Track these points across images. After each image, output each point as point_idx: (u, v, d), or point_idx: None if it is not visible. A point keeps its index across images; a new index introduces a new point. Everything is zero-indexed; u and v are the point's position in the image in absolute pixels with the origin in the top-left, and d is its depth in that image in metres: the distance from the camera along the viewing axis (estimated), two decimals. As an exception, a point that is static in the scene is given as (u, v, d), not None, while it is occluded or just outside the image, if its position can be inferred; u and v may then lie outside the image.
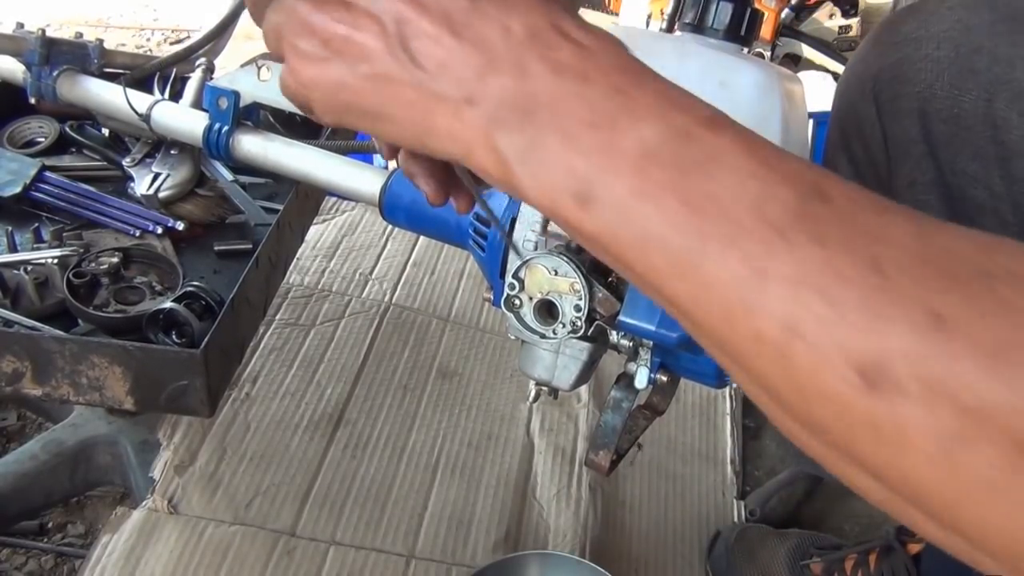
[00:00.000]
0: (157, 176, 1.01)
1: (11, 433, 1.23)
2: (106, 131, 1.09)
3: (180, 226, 1.00)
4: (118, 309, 0.90)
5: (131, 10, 2.51)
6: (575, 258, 0.58)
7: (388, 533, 1.07)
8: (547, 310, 0.61)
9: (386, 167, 0.83)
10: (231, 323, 0.87)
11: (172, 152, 1.04)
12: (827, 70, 1.98)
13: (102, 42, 0.99)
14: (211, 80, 1.05)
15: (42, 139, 1.10)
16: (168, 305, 0.87)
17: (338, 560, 1.02)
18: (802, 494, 1.26)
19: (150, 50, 2.31)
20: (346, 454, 1.15)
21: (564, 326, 0.60)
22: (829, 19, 2.09)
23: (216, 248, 1.02)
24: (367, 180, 0.80)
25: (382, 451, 1.17)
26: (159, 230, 0.99)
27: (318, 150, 0.84)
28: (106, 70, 0.99)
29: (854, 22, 2.08)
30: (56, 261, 0.92)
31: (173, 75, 1.06)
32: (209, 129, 0.86)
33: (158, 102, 0.92)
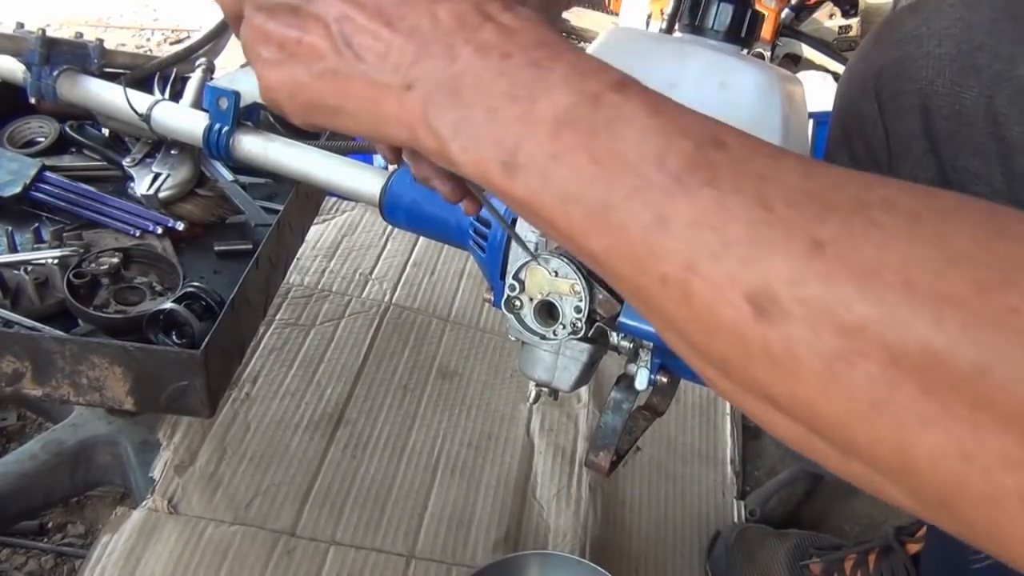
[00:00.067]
0: (157, 176, 1.01)
1: (11, 433, 1.23)
2: (106, 131, 1.09)
3: (180, 226, 1.00)
4: (118, 309, 0.90)
5: (131, 10, 2.51)
6: (575, 259, 0.58)
7: (388, 533, 1.07)
8: (547, 311, 0.61)
9: (386, 167, 0.83)
10: (231, 323, 0.87)
11: (172, 152, 1.04)
12: (827, 70, 1.99)
13: (102, 42, 0.99)
14: (211, 80, 1.05)
15: (42, 139, 1.10)
16: (168, 305, 0.87)
17: (338, 560, 1.02)
18: (802, 494, 1.26)
19: (150, 50, 2.31)
20: (346, 454, 1.15)
21: (564, 327, 0.60)
22: (829, 19, 2.09)
23: (216, 248, 1.02)
24: (367, 180, 0.80)
25: (382, 451, 1.17)
26: (159, 230, 0.99)
27: (318, 150, 0.84)
28: (106, 70, 0.99)
29: (854, 22, 2.08)
30: (56, 261, 0.92)
31: (173, 75, 1.06)
32: (209, 129, 0.86)
33: (158, 102, 0.92)
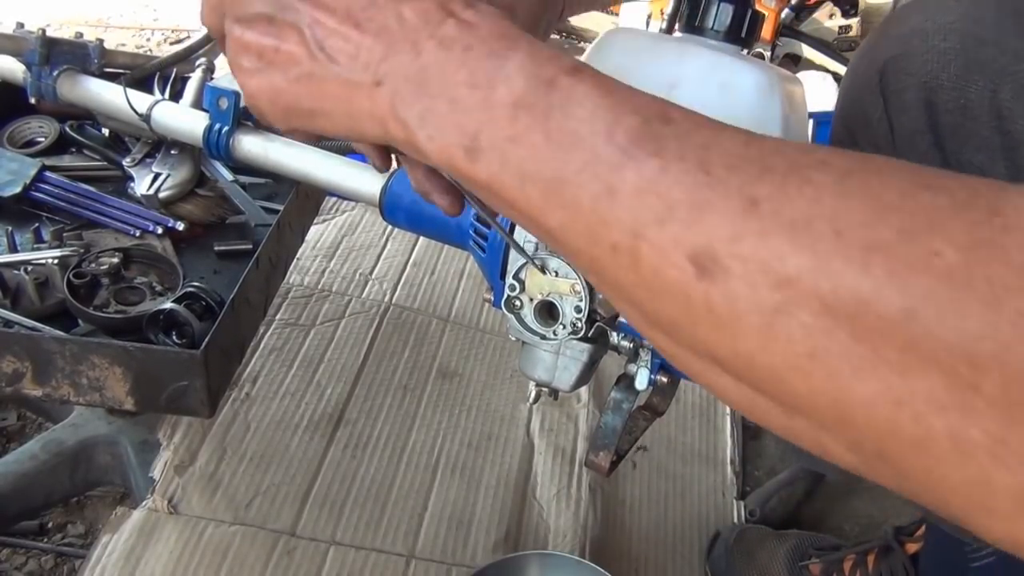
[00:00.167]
0: (157, 176, 1.02)
1: (11, 433, 1.23)
2: (106, 131, 1.09)
3: (180, 226, 1.00)
4: (118, 309, 0.91)
5: (131, 10, 2.51)
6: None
7: (388, 533, 1.07)
8: (547, 311, 0.61)
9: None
10: (231, 323, 0.87)
11: (172, 152, 1.04)
12: (827, 70, 1.99)
13: (102, 42, 0.99)
14: (211, 80, 1.05)
15: (42, 139, 1.10)
16: (168, 305, 0.87)
17: (338, 560, 1.02)
18: (802, 494, 1.26)
19: (150, 50, 2.31)
20: (346, 454, 1.15)
21: (564, 327, 0.60)
22: (829, 19, 2.09)
23: (216, 248, 1.02)
24: (367, 180, 0.80)
25: (382, 451, 1.17)
26: (159, 230, 0.99)
27: (318, 150, 0.84)
28: (106, 70, 0.99)
29: (854, 22, 2.08)
30: (56, 261, 0.92)
31: (173, 75, 1.06)
32: (209, 129, 0.86)
33: (158, 102, 0.92)
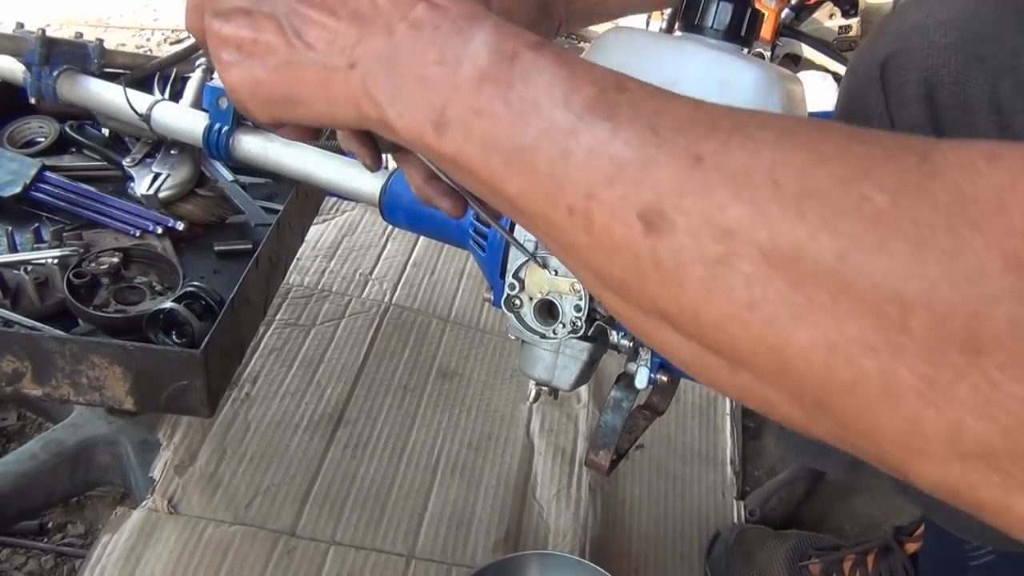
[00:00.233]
0: (157, 176, 1.02)
1: (11, 433, 1.23)
2: (106, 131, 1.09)
3: (180, 226, 1.00)
4: (118, 309, 0.91)
5: (131, 10, 2.51)
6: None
7: (388, 533, 1.07)
8: (547, 310, 0.61)
9: (386, 167, 0.83)
10: (231, 323, 0.87)
11: (172, 152, 1.04)
12: (827, 70, 1.99)
13: (102, 42, 0.99)
14: (211, 80, 1.04)
15: (42, 139, 1.10)
16: (168, 305, 0.87)
17: (338, 560, 1.02)
18: (802, 494, 1.26)
19: (150, 50, 2.31)
20: (346, 454, 1.15)
21: (564, 326, 0.60)
22: (829, 19, 2.09)
23: (216, 248, 1.02)
24: (367, 180, 0.80)
25: (382, 451, 1.17)
26: (159, 230, 0.99)
27: (318, 150, 0.84)
28: (106, 70, 0.99)
29: (854, 22, 2.08)
30: (56, 261, 0.92)
31: (173, 75, 1.06)
32: (209, 129, 0.86)
33: (158, 102, 0.92)
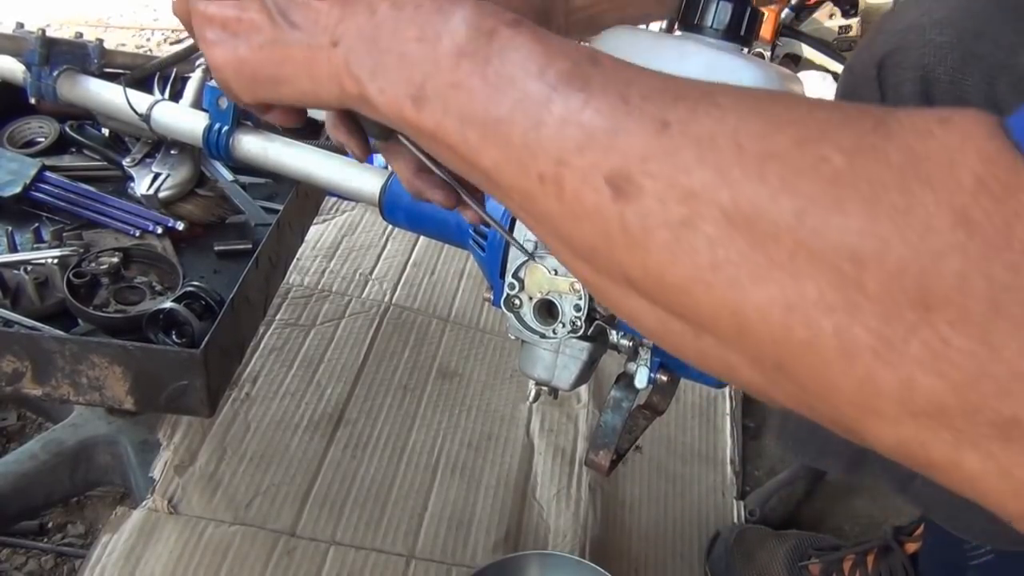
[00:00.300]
0: (157, 176, 1.02)
1: (11, 433, 1.23)
2: (106, 131, 1.09)
3: (180, 226, 1.00)
4: (118, 309, 0.91)
5: (131, 10, 2.51)
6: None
7: (388, 533, 1.07)
8: (547, 310, 0.61)
9: (386, 167, 0.83)
10: (231, 323, 0.87)
11: (172, 152, 1.04)
12: (827, 70, 1.98)
13: (102, 42, 0.99)
14: (211, 80, 1.05)
15: (42, 139, 1.10)
16: (168, 305, 0.87)
17: (338, 560, 1.02)
18: (802, 494, 1.26)
19: (150, 50, 2.31)
20: (346, 454, 1.15)
21: (564, 326, 0.60)
22: (829, 19, 2.09)
23: (216, 248, 1.02)
24: (367, 180, 0.80)
25: (382, 451, 1.17)
26: (159, 230, 0.99)
27: (318, 150, 0.84)
28: (106, 70, 0.99)
29: (854, 22, 2.08)
30: (56, 261, 0.92)
31: (173, 75, 1.06)
32: (209, 129, 0.86)
33: (158, 102, 0.92)
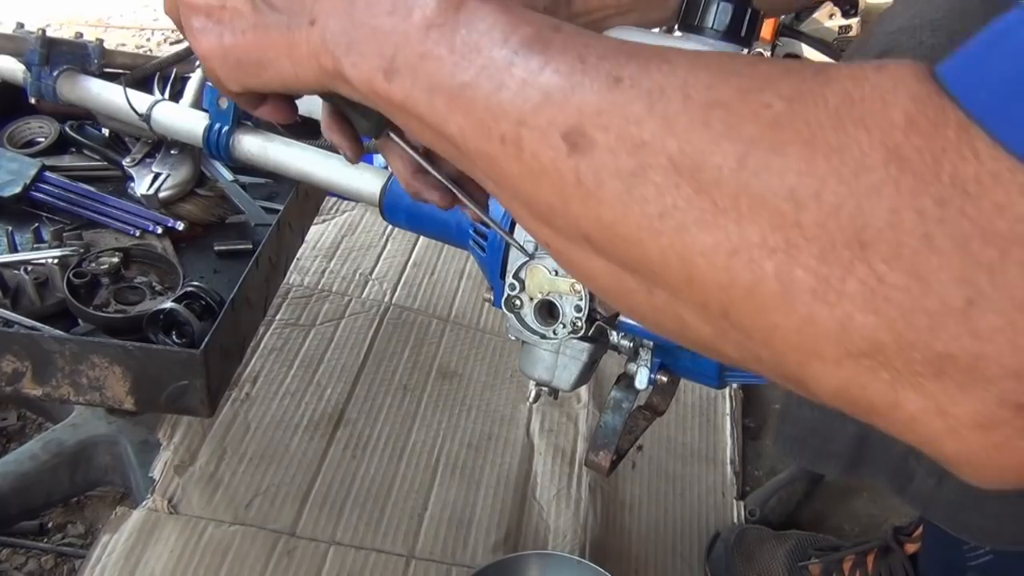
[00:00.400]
0: (157, 176, 1.01)
1: (11, 433, 1.23)
2: (106, 131, 1.09)
3: (180, 226, 1.00)
4: (118, 309, 0.91)
5: (131, 10, 2.51)
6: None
7: (388, 533, 1.07)
8: (547, 310, 0.61)
9: (386, 167, 0.83)
10: (231, 323, 0.87)
11: (172, 152, 1.04)
12: (827, 70, 1.98)
13: (102, 42, 0.99)
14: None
15: (42, 139, 1.10)
16: (168, 305, 0.87)
17: (338, 560, 1.02)
18: (802, 494, 1.26)
19: (150, 50, 2.31)
20: (346, 454, 1.15)
21: (564, 326, 0.60)
22: (829, 19, 2.09)
23: (216, 248, 1.02)
24: (367, 180, 0.80)
25: (382, 451, 1.17)
26: (159, 230, 0.99)
27: (318, 150, 0.84)
28: (106, 70, 0.99)
29: (854, 22, 2.08)
30: (56, 261, 0.92)
31: (173, 75, 1.06)
32: (209, 129, 0.86)
33: (158, 102, 0.92)
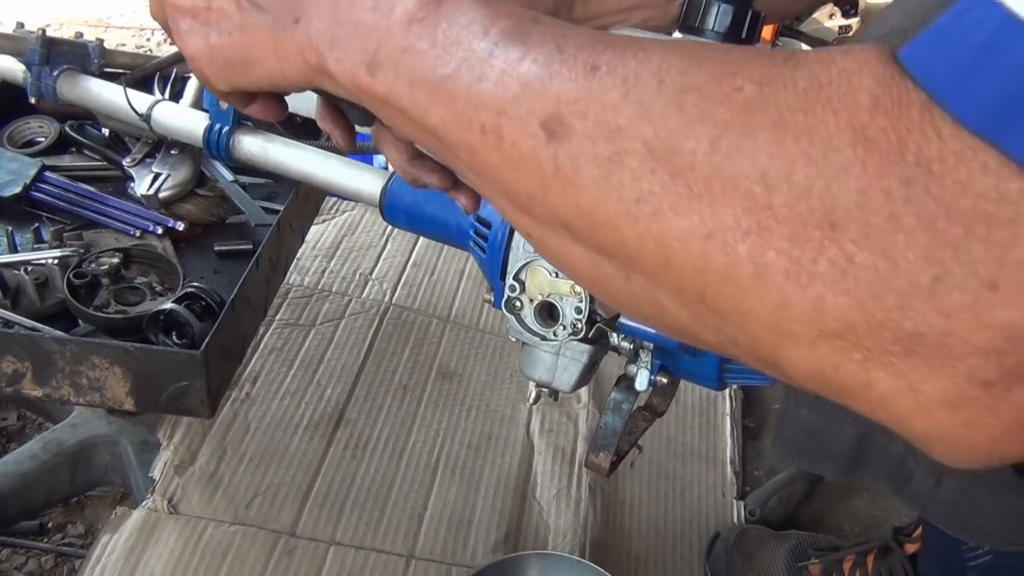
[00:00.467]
0: (157, 176, 1.01)
1: (11, 433, 1.23)
2: (106, 131, 1.09)
3: (180, 226, 1.00)
4: (118, 310, 0.90)
5: (131, 10, 2.51)
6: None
7: (388, 533, 1.07)
8: (548, 312, 0.61)
9: (386, 167, 0.83)
10: (231, 323, 0.87)
11: (172, 152, 1.04)
12: (827, 70, 1.98)
13: (102, 42, 0.98)
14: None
15: (42, 139, 1.10)
16: (168, 306, 0.87)
17: (338, 560, 1.02)
18: (802, 494, 1.26)
19: (150, 50, 2.31)
20: (346, 454, 1.15)
21: (565, 328, 0.60)
22: (829, 19, 2.09)
23: (216, 248, 1.02)
24: (367, 181, 0.80)
25: (382, 451, 1.17)
26: (159, 230, 0.99)
27: (318, 150, 0.84)
28: (106, 70, 0.99)
29: (854, 22, 2.07)
30: (56, 261, 0.92)
31: (173, 75, 1.06)
32: (209, 129, 0.86)
33: (158, 102, 0.92)
